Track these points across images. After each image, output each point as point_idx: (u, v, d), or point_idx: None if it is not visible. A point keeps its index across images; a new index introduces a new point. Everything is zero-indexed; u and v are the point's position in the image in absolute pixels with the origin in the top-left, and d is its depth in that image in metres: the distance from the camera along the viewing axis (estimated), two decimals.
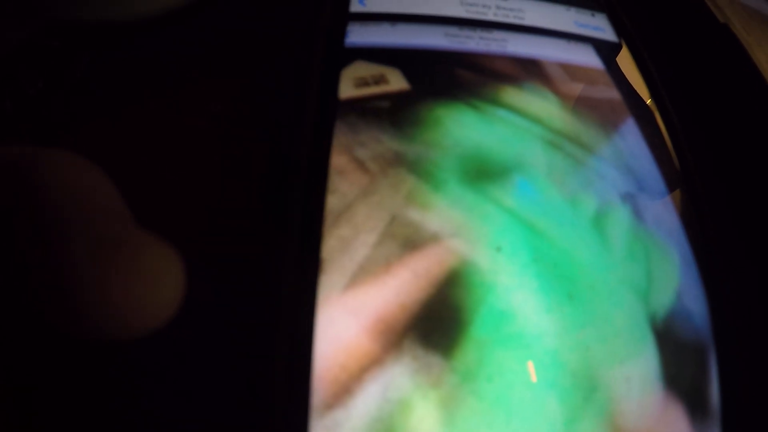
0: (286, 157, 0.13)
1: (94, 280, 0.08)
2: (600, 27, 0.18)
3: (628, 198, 0.15)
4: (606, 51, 0.18)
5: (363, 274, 0.12)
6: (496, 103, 0.15)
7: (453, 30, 0.16)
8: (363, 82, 0.15)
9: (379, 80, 0.15)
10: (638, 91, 0.18)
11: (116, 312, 0.08)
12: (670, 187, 0.16)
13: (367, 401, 0.11)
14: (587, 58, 0.18)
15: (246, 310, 0.11)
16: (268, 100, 0.14)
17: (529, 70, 0.16)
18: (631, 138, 0.16)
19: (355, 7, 0.15)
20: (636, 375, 0.13)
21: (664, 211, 0.15)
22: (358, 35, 0.15)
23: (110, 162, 0.10)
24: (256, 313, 0.11)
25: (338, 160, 0.13)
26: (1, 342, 0.09)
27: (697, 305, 0.14)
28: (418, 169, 0.13)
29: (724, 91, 0.19)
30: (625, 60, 0.18)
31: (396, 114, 0.14)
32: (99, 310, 0.08)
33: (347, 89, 0.14)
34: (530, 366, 0.12)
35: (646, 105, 0.18)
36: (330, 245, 0.12)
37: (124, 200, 0.09)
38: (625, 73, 0.18)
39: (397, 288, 0.12)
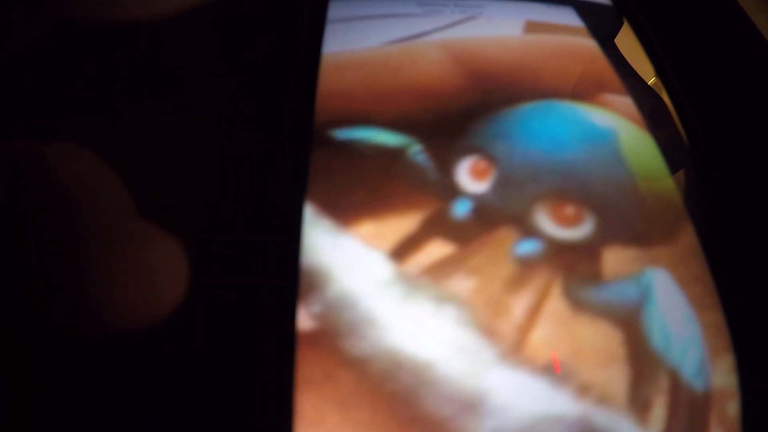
0: (271, 126, 0.13)
1: (99, 273, 0.08)
2: None
3: None
4: (589, 12, 0.18)
5: None
6: None
7: None
8: None
9: None
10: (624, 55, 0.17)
11: (120, 305, 0.08)
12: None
13: None
14: (568, 19, 0.17)
15: (248, 303, 0.11)
16: (268, 98, 0.14)
17: None
18: None
19: None
20: None
21: None
22: (338, 8, 0.16)
23: (109, 156, 0.10)
24: (258, 305, 0.11)
25: None
26: (6, 339, 0.09)
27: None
28: None
29: (722, 54, 0.18)
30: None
31: None
32: (103, 302, 0.08)
33: None
34: None
35: (633, 69, 0.17)
36: None
37: (126, 192, 0.10)
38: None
39: None
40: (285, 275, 0.11)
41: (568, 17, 0.18)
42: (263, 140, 0.13)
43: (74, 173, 0.09)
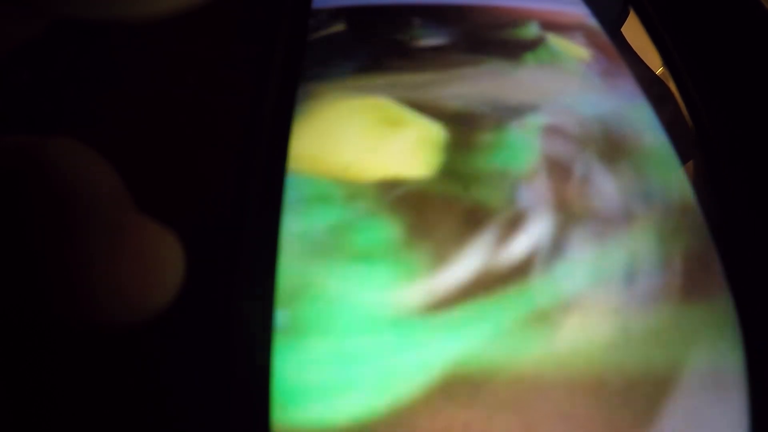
0: (251, 118, 0.13)
1: (97, 265, 0.08)
2: None
3: None
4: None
5: None
6: None
7: None
8: None
9: None
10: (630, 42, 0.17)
11: (117, 296, 0.08)
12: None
13: None
14: (574, 7, 0.17)
15: (241, 296, 0.11)
16: (263, 94, 0.14)
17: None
18: None
19: None
20: None
21: None
22: None
23: (106, 150, 0.10)
24: (252, 299, 0.11)
25: None
26: (9, 333, 0.09)
27: None
28: None
29: (732, 42, 0.18)
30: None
31: None
32: (101, 294, 0.08)
33: None
34: None
35: (635, 53, 0.17)
36: None
37: (124, 186, 0.10)
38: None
39: None
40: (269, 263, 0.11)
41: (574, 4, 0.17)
42: (258, 137, 0.13)
43: (73, 168, 0.09)
